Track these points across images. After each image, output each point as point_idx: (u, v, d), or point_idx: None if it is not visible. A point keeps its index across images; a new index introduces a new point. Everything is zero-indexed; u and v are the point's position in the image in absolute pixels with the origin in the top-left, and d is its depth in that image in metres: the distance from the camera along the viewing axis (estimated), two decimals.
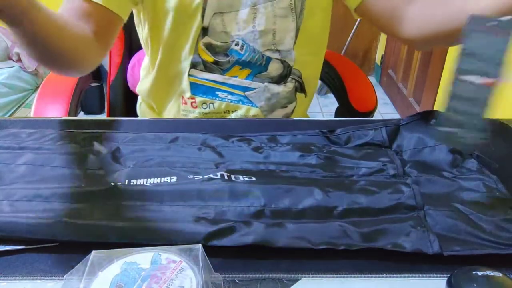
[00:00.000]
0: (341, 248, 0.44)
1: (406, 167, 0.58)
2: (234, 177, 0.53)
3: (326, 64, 1.07)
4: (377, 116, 1.06)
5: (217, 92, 0.84)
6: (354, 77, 1.07)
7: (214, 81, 0.83)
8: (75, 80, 0.97)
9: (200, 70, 0.82)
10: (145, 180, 0.53)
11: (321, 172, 0.56)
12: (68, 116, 0.91)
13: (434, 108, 2.26)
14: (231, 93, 0.84)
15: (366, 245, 0.44)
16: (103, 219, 0.46)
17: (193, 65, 0.82)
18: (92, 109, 1.13)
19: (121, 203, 0.49)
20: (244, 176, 0.54)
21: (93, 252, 0.40)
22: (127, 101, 0.98)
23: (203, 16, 0.76)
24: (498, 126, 0.71)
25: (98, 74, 1.10)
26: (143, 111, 0.96)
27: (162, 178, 0.53)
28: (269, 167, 0.57)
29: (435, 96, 2.09)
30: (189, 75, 0.83)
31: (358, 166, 0.58)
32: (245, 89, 0.83)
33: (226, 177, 0.53)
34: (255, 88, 0.83)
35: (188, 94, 0.85)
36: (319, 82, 1.00)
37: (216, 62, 0.81)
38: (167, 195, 0.50)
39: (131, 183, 0.52)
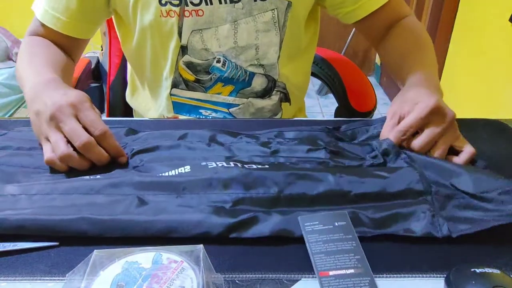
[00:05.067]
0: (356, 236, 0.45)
1: (408, 157, 0.58)
2: (247, 166, 0.54)
3: (326, 64, 1.07)
4: (377, 116, 1.06)
5: (200, 110, 0.83)
6: (353, 77, 1.07)
7: (197, 99, 0.82)
8: (75, 81, 0.97)
9: (182, 89, 0.81)
10: (159, 173, 0.54)
11: (331, 163, 0.57)
12: None
13: None
14: (215, 111, 0.83)
15: (378, 232, 0.46)
16: (123, 213, 0.46)
17: (175, 85, 0.81)
18: None
19: (138, 196, 0.49)
20: (257, 165, 0.55)
21: (95, 252, 0.40)
22: (127, 102, 0.98)
23: (180, 35, 0.74)
24: (498, 126, 0.71)
25: (98, 74, 1.10)
26: (137, 116, 0.96)
27: (176, 170, 0.54)
28: (279, 159, 0.58)
29: None
30: (171, 94, 0.82)
31: (364, 158, 0.59)
32: (229, 105, 0.83)
33: (239, 165, 0.54)
34: (239, 104, 0.82)
35: (171, 113, 0.84)
36: (319, 82, 1.00)
37: (197, 81, 0.80)
38: (184, 185, 0.50)
39: (147, 177, 0.52)
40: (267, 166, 0.54)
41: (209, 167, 0.53)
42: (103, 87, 1.09)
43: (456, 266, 0.40)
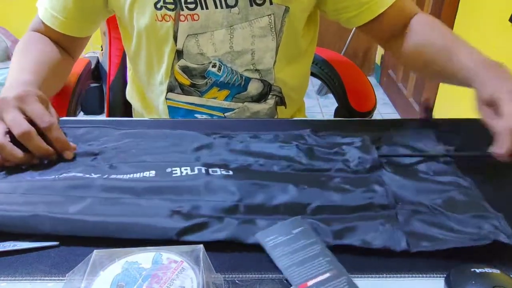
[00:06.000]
0: None
1: (383, 159, 0.59)
2: (212, 170, 0.55)
3: (326, 64, 1.07)
4: (377, 116, 1.06)
5: (196, 115, 0.83)
6: (353, 77, 1.07)
7: (192, 104, 0.82)
8: (75, 81, 0.97)
9: (178, 93, 0.81)
10: (124, 175, 0.54)
11: (299, 165, 0.57)
12: (68, 116, 0.91)
13: (434, 108, 2.26)
14: (211, 115, 0.83)
15: (335, 243, 0.45)
16: (78, 213, 0.47)
17: (170, 89, 0.81)
18: (92, 110, 1.13)
19: (98, 197, 0.50)
20: (221, 170, 0.55)
21: (95, 252, 0.40)
22: (127, 101, 0.98)
23: (175, 39, 0.74)
24: None
25: (98, 74, 1.10)
26: (137, 115, 0.96)
27: (141, 173, 0.54)
28: (247, 159, 0.58)
29: (435, 96, 2.09)
30: (166, 98, 0.82)
31: (336, 158, 0.59)
32: (224, 110, 0.82)
33: (203, 171, 0.54)
34: (235, 109, 0.82)
35: (166, 117, 0.84)
36: (319, 82, 1.00)
37: (193, 85, 0.80)
38: (145, 189, 0.51)
39: (110, 177, 0.53)
40: (231, 173, 0.55)
41: (173, 175, 0.54)
42: (103, 87, 1.09)
43: (456, 266, 0.40)
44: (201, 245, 0.41)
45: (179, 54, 0.76)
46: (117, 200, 0.49)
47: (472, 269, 0.39)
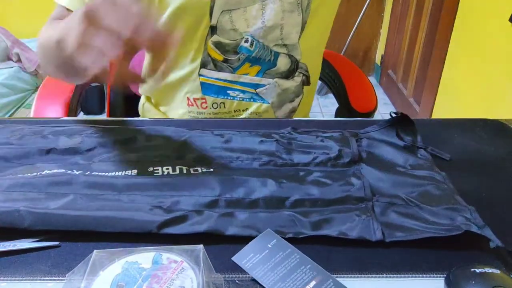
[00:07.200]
0: (288, 236, 0.45)
1: (362, 152, 0.60)
2: (193, 170, 0.55)
3: (326, 64, 1.07)
4: (377, 116, 1.06)
5: (228, 91, 0.84)
6: (354, 77, 1.07)
7: (225, 80, 0.83)
8: None
9: (210, 69, 0.82)
10: (106, 173, 0.55)
11: (279, 160, 0.58)
12: (68, 116, 0.91)
13: (434, 108, 2.25)
14: (243, 91, 0.84)
15: (312, 233, 0.46)
16: (60, 208, 0.47)
17: (203, 65, 0.82)
18: (92, 109, 1.13)
19: (79, 193, 0.50)
20: (203, 168, 0.56)
21: (95, 252, 0.40)
22: (128, 101, 0.98)
23: (211, 15, 0.76)
24: (498, 126, 0.71)
25: None
26: (146, 110, 0.95)
27: (123, 172, 0.55)
28: (228, 156, 0.59)
29: (435, 96, 2.09)
30: (199, 75, 0.83)
31: (315, 151, 0.60)
32: (256, 86, 0.84)
33: (184, 171, 0.55)
34: (266, 85, 0.84)
35: (198, 94, 0.84)
36: (319, 82, 1.00)
37: (226, 60, 0.81)
38: (126, 186, 0.52)
39: (92, 174, 0.54)
40: (212, 170, 0.55)
41: (155, 174, 0.55)
42: (104, 86, 1.09)
43: (456, 266, 0.40)
44: (201, 245, 0.41)
45: (212, 29, 0.78)
46: (99, 196, 0.50)
47: (472, 269, 0.39)
